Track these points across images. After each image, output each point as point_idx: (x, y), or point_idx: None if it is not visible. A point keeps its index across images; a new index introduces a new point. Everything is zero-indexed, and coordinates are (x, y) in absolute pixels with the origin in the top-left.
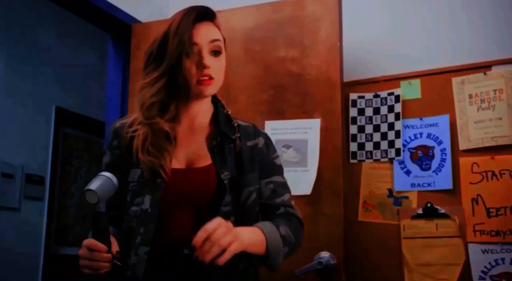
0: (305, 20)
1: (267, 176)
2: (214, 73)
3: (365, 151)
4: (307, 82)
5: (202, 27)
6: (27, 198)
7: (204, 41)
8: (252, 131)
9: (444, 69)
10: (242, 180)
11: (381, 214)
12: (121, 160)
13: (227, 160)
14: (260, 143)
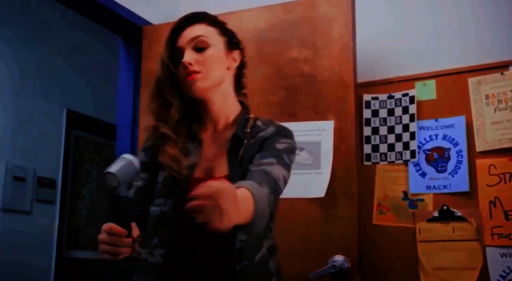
0: (318, 20)
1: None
2: (199, 66)
3: (379, 153)
4: (320, 83)
5: (186, 30)
6: (38, 201)
7: (185, 41)
8: (265, 126)
9: (460, 70)
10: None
11: (396, 217)
12: (152, 161)
13: (239, 167)
14: (269, 132)
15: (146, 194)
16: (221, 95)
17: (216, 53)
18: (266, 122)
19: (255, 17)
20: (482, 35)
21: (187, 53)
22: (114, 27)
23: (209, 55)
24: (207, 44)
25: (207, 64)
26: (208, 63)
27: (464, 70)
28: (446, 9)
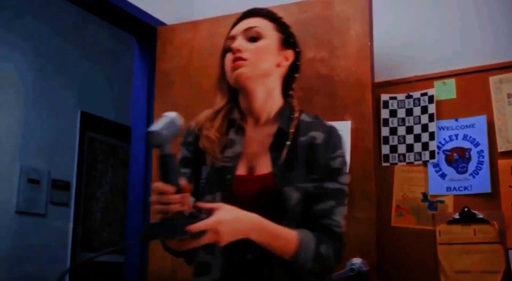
0: (334, 20)
1: (318, 179)
2: (248, 54)
3: (397, 154)
4: (336, 84)
5: (243, 22)
6: (53, 203)
7: (239, 31)
8: (315, 125)
9: (480, 68)
10: (284, 177)
11: (415, 219)
12: (194, 157)
13: (283, 163)
14: (318, 138)
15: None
16: (265, 90)
17: (268, 46)
18: (313, 119)
19: None
20: (503, 33)
21: (238, 40)
22: (128, 28)
23: (260, 46)
24: (260, 35)
25: (255, 54)
26: (257, 53)
27: (485, 69)
28: (466, 6)
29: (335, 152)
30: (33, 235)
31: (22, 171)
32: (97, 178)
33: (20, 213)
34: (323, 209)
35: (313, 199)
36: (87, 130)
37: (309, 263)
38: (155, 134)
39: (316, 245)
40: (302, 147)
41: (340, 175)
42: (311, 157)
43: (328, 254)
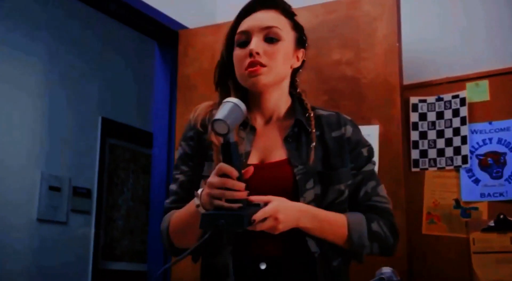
0: (360, 20)
1: (357, 167)
2: (267, 60)
3: (428, 159)
4: (363, 86)
5: (258, 15)
6: (74, 211)
7: (255, 28)
8: (336, 119)
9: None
10: (331, 176)
11: (447, 226)
12: (195, 152)
13: (303, 153)
14: (348, 132)
15: (193, 188)
16: (279, 93)
17: (286, 49)
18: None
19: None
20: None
21: (256, 41)
22: (150, 32)
23: (279, 50)
24: (280, 36)
25: (275, 59)
26: (276, 58)
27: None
28: (497, 5)
29: (364, 142)
30: (54, 244)
31: (43, 178)
32: (119, 185)
33: (41, 221)
34: (367, 191)
35: (356, 186)
36: (108, 137)
37: (366, 242)
38: (221, 122)
39: (367, 224)
40: (333, 143)
41: (372, 159)
42: (346, 149)
43: (383, 231)
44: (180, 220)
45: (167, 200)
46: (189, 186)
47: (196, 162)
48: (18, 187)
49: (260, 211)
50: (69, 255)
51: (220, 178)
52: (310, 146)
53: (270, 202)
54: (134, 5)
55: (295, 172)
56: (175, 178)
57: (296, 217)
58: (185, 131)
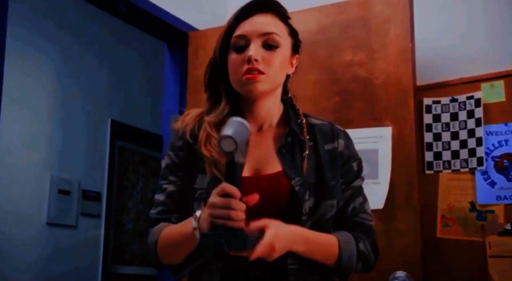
0: (373, 20)
1: (346, 182)
2: (265, 67)
3: (442, 161)
4: (376, 88)
5: (256, 19)
6: (83, 215)
7: (254, 33)
8: (330, 131)
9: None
10: (325, 190)
11: (462, 230)
12: (185, 163)
13: (298, 164)
14: (340, 145)
15: (182, 199)
16: (272, 100)
17: (284, 56)
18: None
19: (305, 19)
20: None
21: (254, 47)
22: (159, 34)
23: (278, 57)
24: (279, 43)
25: (273, 66)
26: (274, 66)
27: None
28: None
29: (355, 156)
30: (64, 247)
31: (52, 182)
32: (128, 189)
33: (51, 225)
34: (355, 207)
35: (345, 201)
36: (118, 139)
37: (355, 263)
38: (229, 139)
39: (356, 243)
40: (326, 156)
41: (361, 175)
42: (338, 164)
43: (368, 250)
44: (171, 238)
45: (153, 210)
46: (178, 197)
47: (186, 173)
48: (28, 191)
49: (260, 244)
50: (78, 259)
51: (223, 198)
52: (303, 157)
53: (267, 228)
54: (144, 7)
55: (292, 184)
56: (162, 188)
57: (290, 242)
58: (173, 140)
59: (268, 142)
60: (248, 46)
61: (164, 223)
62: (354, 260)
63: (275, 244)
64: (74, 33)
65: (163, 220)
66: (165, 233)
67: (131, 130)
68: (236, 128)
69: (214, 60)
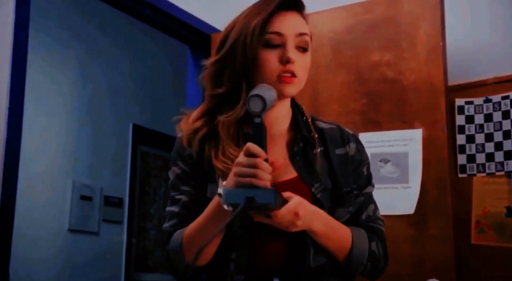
0: (401, 19)
1: (359, 188)
2: (298, 70)
3: (476, 164)
4: (405, 88)
5: (288, 16)
6: (106, 221)
7: (290, 33)
8: (339, 135)
9: None
10: (342, 197)
11: (498, 236)
12: (195, 171)
13: (314, 170)
14: (351, 150)
15: (198, 209)
16: (285, 104)
17: (309, 60)
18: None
19: (332, 18)
20: None
21: (292, 49)
22: (182, 37)
23: (307, 60)
24: (309, 46)
25: (304, 70)
26: (305, 69)
27: None
28: None
29: (366, 160)
30: (85, 254)
31: (74, 188)
32: (151, 194)
33: (73, 231)
34: (369, 215)
35: (358, 208)
36: (140, 144)
37: (365, 260)
38: (256, 98)
39: (369, 242)
40: (337, 161)
41: (371, 179)
42: (349, 169)
43: (379, 253)
44: (196, 226)
45: (167, 223)
46: (193, 207)
47: (198, 182)
48: (49, 197)
49: (284, 207)
50: (101, 266)
51: (249, 157)
52: (316, 162)
53: (291, 197)
54: (166, 9)
55: (312, 191)
56: (174, 199)
57: (311, 218)
58: (179, 149)
59: (279, 149)
60: (284, 45)
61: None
62: (365, 258)
63: (300, 211)
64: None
65: None
66: (188, 228)
67: (153, 134)
68: (264, 91)
69: (240, 53)
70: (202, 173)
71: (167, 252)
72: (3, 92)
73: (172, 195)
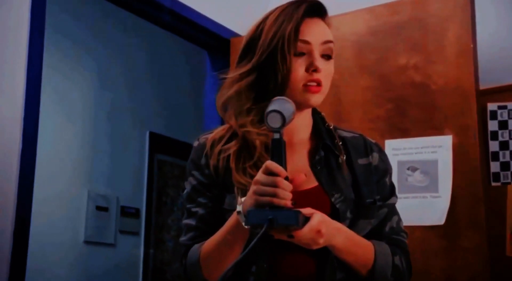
0: (429, 21)
1: (382, 199)
2: (324, 79)
3: (510, 172)
4: (434, 93)
5: (313, 23)
6: (122, 232)
7: (317, 41)
8: (363, 144)
9: None
10: (365, 208)
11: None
12: (211, 182)
13: (336, 179)
14: (374, 160)
15: (215, 222)
16: (306, 113)
17: (333, 68)
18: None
19: (355, 20)
20: None
21: (318, 57)
22: (200, 42)
23: (332, 69)
24: (333, 53)
25: (328, 79)
26: (329, 78)
27: None
28: None
29: (390, 170)
30: (102, 267)
31: (90, 198)
32: (168, 204)
33: (89, 243)
34: (392, 227)
35: (381, 220)
36: (156, 152)
37: (388, 275)
38: (276, 114)
39: (392, 256)
40: (361, 171)
41: (395, 190)
42: (373, 179)
43: (403, 267)
44: (215, 241)
45: (184, 237)
46: (211, 219)
47: (215, 192)
48: (64, 207)
49: (307, 226)
50: (117, 279)
51: (268, 176)
52: (340, 172)
53: (313, 214)
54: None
55: (332, 200)
56: (191, 212)
57: (332, 234)
58: (196, 158)
59: (300, 158)
60: (310, 53)
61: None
62: (388, 273)
63: (322, 229)
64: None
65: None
66: (207, 243)
67: (171, 142)
68: (281, 104)
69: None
70: (220, 184)
71: (185, 267)
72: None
73: (188, 207)
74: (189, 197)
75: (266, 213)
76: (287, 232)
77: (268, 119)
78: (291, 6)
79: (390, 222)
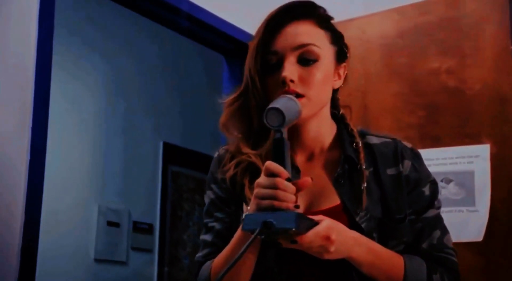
0: (463, 21)
1: (416, 212)
2: (304, 88)
3: None
4: (469, 99)
5: (289, 29)
6: (134, 249)
7: (286, 48)
8: (392, 151)
9: None
10: (393, 228)
11: None
12: (228, 197)
13: (360, 195)
14: (405, 168)
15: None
16: (318, 120)
17: (326, 70)
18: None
19: (382, 22)
20: None
21: (289, 65)
22: (217, 46)
23: (317, 73)
24: (318, 56)
25: (313, 85)
26: (315, 84)
27: None
28: None
29: (426, 179)
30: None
31: (100, 213)
32: (183, 219)
33: (99, 261)
34: (432, 244)
35: (416, 236)
36: (171, 164)
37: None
38: (276, 112)
39: (428, 273)
40: (389, 183)
41: (435, 201)
42: (404, 191)
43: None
44: (224, 256)
45: (200, 253)
46: (228, 235)
47: (233, 208)
48: (73, 223)
49: (312, 230)
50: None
51: (269, 177)
52: (365, 186)
53: (322, 220)
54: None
55: (357, 220)
56: (208, 227)
57: (350, 245)
58: (214, 171)
59: (321, 171)
60: (282, 64)
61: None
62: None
63: (331, 235)
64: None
65: None
66: (217, 259)
67: (185, 153)
68: (283, 102)
69: (245, 85)
70: (237, 198)
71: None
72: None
73: (205, 222)
74: (207, 212)
75: (262, 216)
76: (288, 237)
77: (266, 117)
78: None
79: (429, 238)
